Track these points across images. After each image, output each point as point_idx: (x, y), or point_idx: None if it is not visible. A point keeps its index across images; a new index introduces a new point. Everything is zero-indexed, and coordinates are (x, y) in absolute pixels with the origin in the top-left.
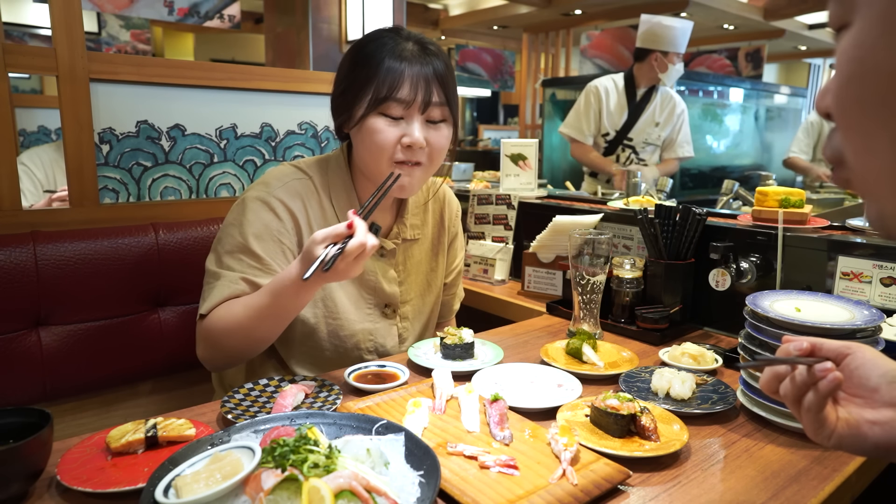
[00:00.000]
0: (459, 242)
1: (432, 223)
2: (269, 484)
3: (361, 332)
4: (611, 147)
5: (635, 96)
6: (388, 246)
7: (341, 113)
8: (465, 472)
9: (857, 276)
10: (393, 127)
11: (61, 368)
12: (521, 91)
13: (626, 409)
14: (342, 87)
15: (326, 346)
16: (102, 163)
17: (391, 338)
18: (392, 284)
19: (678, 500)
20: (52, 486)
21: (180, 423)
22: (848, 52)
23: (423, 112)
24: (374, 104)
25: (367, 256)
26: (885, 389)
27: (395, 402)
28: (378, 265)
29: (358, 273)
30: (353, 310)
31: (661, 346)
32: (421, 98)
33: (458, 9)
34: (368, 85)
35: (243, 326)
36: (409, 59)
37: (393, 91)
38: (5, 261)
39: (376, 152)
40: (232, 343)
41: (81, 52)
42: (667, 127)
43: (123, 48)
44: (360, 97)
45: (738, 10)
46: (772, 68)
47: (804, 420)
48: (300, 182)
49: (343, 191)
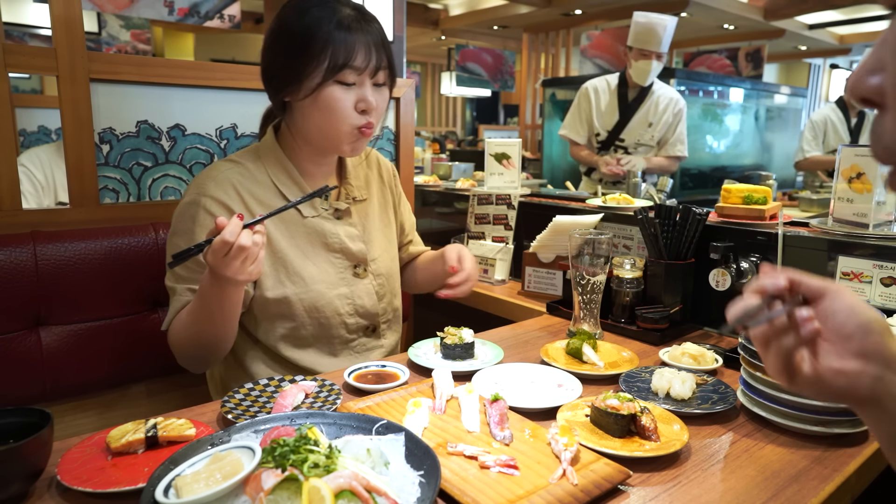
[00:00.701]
0: (406, 201)
1: (375, 184)
2: (269, 484)
3: (338, 298)
4: (603, 148)
5: (627, 96)
6: (340, 207)
7: (286, 84)
8: (465, 472)
9: (858, 276)
10: (348, 94)
11: (61, 368)
12: (521, 91)
13: (626, 409)
14: (284, 59)
15: (307, 321)
16: (102, 163)
17: (369, 296)
18: (357, 242)
19: (678, 500)
20: (52, 486)
21: (180, 423)
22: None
23: (373, 77)
24: (330, 72)
25: (254, 257)
26: (858, 339)
27: (395, 402)
28: (338, 227)
29: (255, 275)
30: (325, 277)
31: (661, 346)
32: (373, 64)
33: (459, 9)
34: (322, 54)
35: (191, 333)
36: (355, 27)
37: (349, 59)
38: (5, 261)
39: (336, 121)
40: (190, 351)
41: (82, 52)
42: (661, 127)
43: (124, 48)
44: (312, 67)
45: (738, 10)
46: (772, 68)
47: (770, 361)
48: (232, 171)
49: (282, 170)
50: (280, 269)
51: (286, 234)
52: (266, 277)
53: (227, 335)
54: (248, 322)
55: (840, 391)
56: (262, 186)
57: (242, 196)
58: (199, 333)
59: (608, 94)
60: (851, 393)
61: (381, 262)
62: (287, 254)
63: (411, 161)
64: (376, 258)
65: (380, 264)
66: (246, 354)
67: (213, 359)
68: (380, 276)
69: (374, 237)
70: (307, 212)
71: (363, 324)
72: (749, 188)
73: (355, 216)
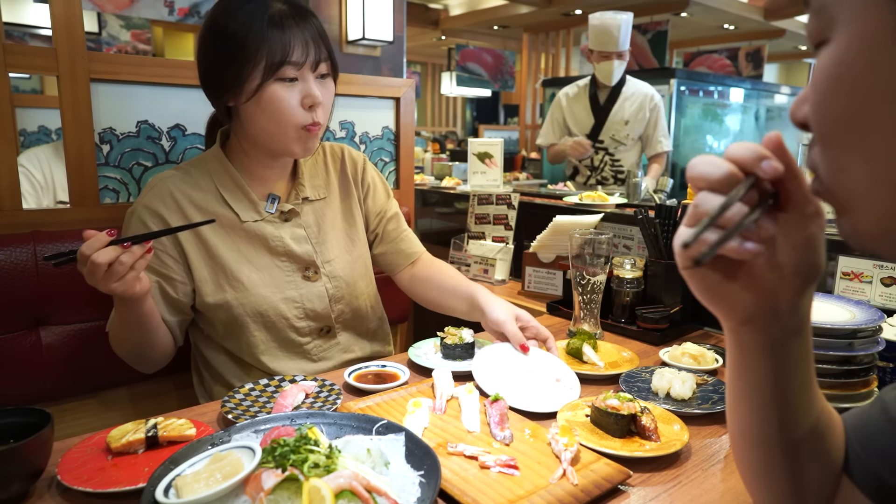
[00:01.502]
0: (380, 190)
1: (338, 181)
2: (269, 484)
3: (284, 302)
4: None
5: (598, 98)
6: (284, 208)
7: (227, 90)
8: (465, 472)
9: (858, 275)
10: (292, 91)
11: (61, 368)
12: (522, 91)
13: (626, 409)
14: (223, 64)
15: (252, 326)
16: (103, 163)
17: (320, 299)
18: (303, 244)
19: (678, 500)
20: (52, 485)
21: (181, 423)
22: (828, 69)
23: (314, 70)
24: (269, 71)
25: (118, 276)
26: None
27: (395, 402)
28: (283, 230)
29: (128, 293)
30: (270, 282)
31: (661, 346)
32: (312, 57)
33: (459, 9)
34: (258, 54)
35: (115, 338)
36: (288, 22)
37: (287, 55)
38: (5, 261)
39: (282, 120)
40: (122, 352)
41: (82, 52)
42: (638, 124)
43: (124, 48)
44: (249, 68)
45: (739, 10)
46: (772, 68)
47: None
48: (174, 178)
49: (226, 176)
50: (220, 273)
51: (225, 239)
52: (205, 283)
53: (147, 343)
54: (210, 330)
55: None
56: (205, 193)
57: (180, 204)
58: (122, 340)
59: (580, 99)
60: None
61: (339, 263)
62: (225, 259)
63: (411, 161)
64: (332, 259)
65: (336, 266)
66: (217, 362)
67: (144, 363)
68: (336, 278)
69: (330, 237)
70: (245, 216)
71: (315, 326)
72: None
73: (308, 217)
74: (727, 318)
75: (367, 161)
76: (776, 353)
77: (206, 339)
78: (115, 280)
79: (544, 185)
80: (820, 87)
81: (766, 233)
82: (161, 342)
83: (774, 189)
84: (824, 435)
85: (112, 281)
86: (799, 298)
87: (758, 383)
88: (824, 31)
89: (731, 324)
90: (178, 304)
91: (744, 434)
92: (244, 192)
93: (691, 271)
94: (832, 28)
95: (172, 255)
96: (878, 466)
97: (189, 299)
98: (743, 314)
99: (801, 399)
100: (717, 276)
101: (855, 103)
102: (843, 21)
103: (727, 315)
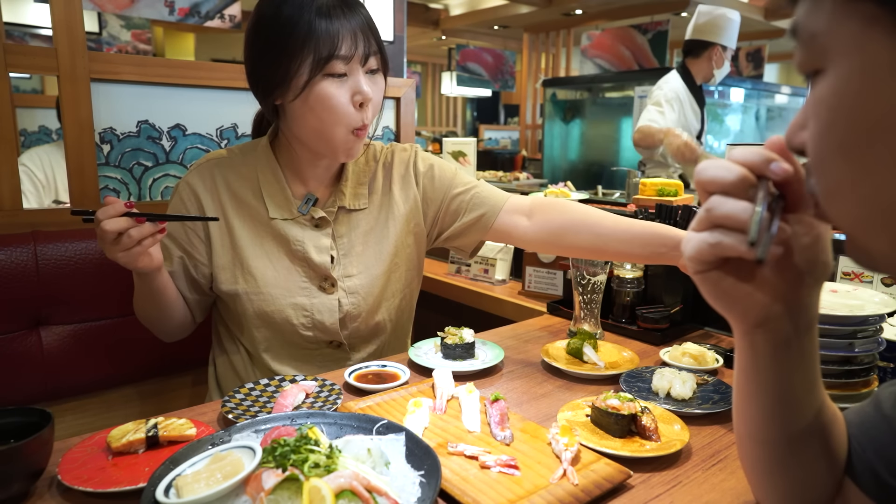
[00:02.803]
0: (436, 172)
1: (384, 188)
2: (269, 484)
3: (292, 307)
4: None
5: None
6: (316, 214)
7: (275, 87)
8: (465, 472)
9: (858, 276)
10: (342, 87)
11: (61, 368)
12: (522, 91)
13: (626, 409)
14: (269, 60)
15: (258, 323)
16: (103, 163)
17: (330, 313)
18: (322, 254)
19: (679, 500)
20: (52, 485)
21: (181, 423)
22: (828, 101)
23: (363, 64)
24: (317, 66)
25: (125, 248)
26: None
27: (395, 401)
28: (307, 235)
29: (132, 265)
30: (283, 284)
31: (661, 346)
32: (361, 50)
33: (459, 9)
34: (305, 48)
35: (135, 303)
36: (336, 13)
37: (335, 49)
38: (6, 261)
39: (331, 119)
40: (140, 318)
41: (82, 52)
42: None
43: (124, 48)
44: (296, 64)
45: (739, 10)
46: (773, 68)
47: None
48: (219, 162)
49: (268, 168)
50: (237, 264)
51: (252, 231)
52: (222, 270)
53: (161, 314)
54: (230, 322)
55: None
56: (244, 182)
57: (218, 189)
58: (137, 305)
59: (690, 101)
60: (758, 315)
61: (362, 279)
62: (246, 251)
63: None
64: (354, 274)
65: (357, 281)
66: (234, 356)
67: (160, 331)
68: (354, 294)
69: (358, 251)
70: (274, 213)
71: (323, 338)
72: (663, 182)
73: (341, 227)
74: (742, 321)
75: (417, 154)
76: (787, 352)
77: (225, 328)
78: (120, 250)
79: (544, 185)
80: (821, 117)
81: (784, 234)
82: (176, 316)
83: (780, 191)
84: (829, 432)
85: (118, 251)
86: (810, 297)
87: (768, 383)
88: (818, 61)
89: (744, 327)
90: (197, 284)
91: (751, 434)
92: (280, 188)
93: (705, 276)
94: (826, 59)
95: (200, 235)
96: (874, 462)
97: (207, 281)
98: (757, 316)
99: (809, 395)
100: (732, 280)
101: (858, 135)
102: (840, 53)
103: (742, 318)
